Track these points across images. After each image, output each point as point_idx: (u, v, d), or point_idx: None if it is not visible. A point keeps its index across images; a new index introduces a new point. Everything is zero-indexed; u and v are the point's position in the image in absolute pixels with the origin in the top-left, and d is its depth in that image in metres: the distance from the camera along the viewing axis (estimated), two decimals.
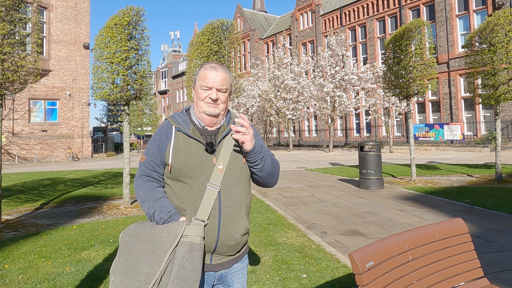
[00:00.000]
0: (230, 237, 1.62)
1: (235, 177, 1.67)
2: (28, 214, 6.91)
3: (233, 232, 1.62)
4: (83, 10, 25.06)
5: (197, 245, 1.50)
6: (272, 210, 6.77)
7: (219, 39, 9.08)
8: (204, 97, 1.68)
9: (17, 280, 3.68)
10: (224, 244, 1.61)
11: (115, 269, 1.56)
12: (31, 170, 16.79)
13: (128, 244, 1.55)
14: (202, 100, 1.69)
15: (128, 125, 7.68)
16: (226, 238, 1.61)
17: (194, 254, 1.48)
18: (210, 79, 1.68)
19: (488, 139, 19.36)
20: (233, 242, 1.63)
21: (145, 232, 1.55)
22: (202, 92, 1.69)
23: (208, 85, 1.67)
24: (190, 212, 1.59)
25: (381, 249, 1.78)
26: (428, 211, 6.34)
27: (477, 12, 22.24)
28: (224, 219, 1.60)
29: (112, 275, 1.56)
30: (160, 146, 1.67)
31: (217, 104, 1.69)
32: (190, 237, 1.50)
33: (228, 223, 1.61)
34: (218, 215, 1.60)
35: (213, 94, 1.67)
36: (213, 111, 1.68)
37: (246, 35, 41.33)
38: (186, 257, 1.47)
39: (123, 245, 1.56)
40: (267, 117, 29.65)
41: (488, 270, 3.55)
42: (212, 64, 1.73)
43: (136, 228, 1.58)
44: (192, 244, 1.49)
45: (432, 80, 15.16)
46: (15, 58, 5.94)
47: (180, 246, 1.49)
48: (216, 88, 1.68)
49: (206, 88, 1.68)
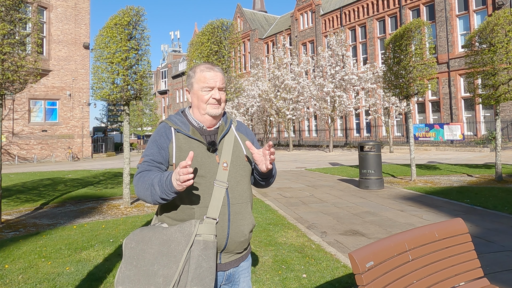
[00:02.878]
0: (240, 233, 1.63)
1: (239, 174, 1.69)
2: (28, 214, 6.91)
3: (242, 228, 1.64)
4: (83, 10, 25.06)
5: (211, 243, 1.51)
6: (272, 210, 6.77)
7: (219, 39, 9.08)
8: (207, 98, 1.68)
9: (17, 280, 3.68)
10: (234, 241, 1.62)
11: (122, 278, 1.50)
12: (31, 170, 16.79)
13: (136, 249, 1.52)
14: (205, 102, 1.69)
15: (128, 125, 7.68)
16: (236, 234, 1.62)
17: (209, 253, 1.49)
18: (210, 79, 1.68)
19: (488, 139, 19.36)
20: (242, 238, 1.64)
21: (156, 235, 1.52)
22: (204, 93, 1.69)
23: (210, 85, 1.68)
24: (199, 210, 1.58)
25: (381, 249, 1.78)
26: (428, 211, 6.34)
27: (477, 12, 22.24)
28: (233, 216, 1.62)
29: (119, 284, 1.50)
30: (160, 145, 1.65)
31: (219, 104, 1.70)
32: (203, 235, 1.51)
33: (237, 220, 1.63)
34: (228, 212, 1.61)
35: (216, 94, 1.68)
36: (217, 112, 1.70)
37: (246, 35, 41.33)
38: (202, 256, 1.47)
39: (130, 252, 1.53)
40: (267, 117, 29.65)
41: (488, 270, 3.55)
42: (206, 64, 1.74)
43: (144, 233, 1.55)
44: (207, 243, 1.50)
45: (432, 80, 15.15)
46: (15, 58, 5.94)
47: (195, 245, 1.49)
48: (218, 87, 1.69)
49: (209, 89, 1.68)
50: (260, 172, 1.73)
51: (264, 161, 1.66)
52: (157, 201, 1.53)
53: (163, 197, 1.50)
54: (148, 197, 1.54)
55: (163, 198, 1.51)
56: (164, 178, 1.49)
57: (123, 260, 1.54)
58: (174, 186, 1.46)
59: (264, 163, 1.66)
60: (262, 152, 1.67)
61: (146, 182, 1.55)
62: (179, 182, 1.43)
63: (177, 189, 1.46)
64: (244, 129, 1.85)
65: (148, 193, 1.53)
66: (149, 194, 1.53)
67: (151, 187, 1.52)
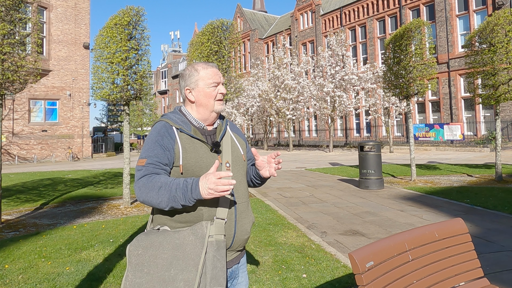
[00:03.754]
0: (244, 231, 1.66)
1: (240, 174, 1.71)
2: (28, 214, 6.91)
3: (246, 226, 1.67)
4: (83, 10, 25.06)
5: (222, 243, 1.52)
6: (272, 210, 6.77)
7: (219, 39, 9.09)
8: (215, 94, 1.69)
9: (17, 280, 3.68)
10: (239, 239, 1.64)
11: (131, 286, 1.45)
12: (31, 170, 16.79)
13: (145, 256, 1.47)
14: (214, 98, 1.69)
15: (128, 125, 7.68)
16: (241, 233, 1.64)
17: (221, 252, 1.50)
18: (215, 74, 1.71)
19: (488, 139, 19.36)
20: (246, 236, 1.67)
21: (167, 240, 1.49)
22: (212, 90, 1.69)
23: (217, 80, 1.70)
24: (207, 212, 1.57)
25: (381, 249, 1.78)
26: (428, 211, 6.34)
27: (477, 12, 22.24)
28: (239, 215, 1.64)
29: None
30: (165, 146, 1.58)
31: (223, 100, 1.73)
32: (215, 236, 1.52)
33: (242, 218, 1.66)
34: (235, 211, 1.63)
35: (222, 89, 1.71)
36: (222, 108, 1.73)
37: (246, 35, 41.33)
38: (216, 257, 1.48)
39: (137, 258, 1.48)
40: (267, 117, 29.64)
41: (488, 270, 3.55)
42: (203, 63, 1.74)
43: (151, 238, 1.50)
44: (219, 243, 1.51)
45: (432, 80, 15.16)
46: (15, 58, 5.94)
47: (209, 246, 1.49)
48: (222, 82, 1.73)
49: (215, 84, 1.70)
50: (261, 176, 1.78)
51: (267, 168, 1.72)
52: (173, 207, 1.48)
53: (184, 204, 1.46)
54: (163, 203, 1.46)
55: (183, 205, 1.47)
56: (189, 186, 1.44)
57: (130, 268, 1.48)
58: (201, 194, 1.42)
59: (268, 170, 1.72)
60: (266, 159, 1.70)
61: (161, 187, 1.47)
62: (212, 192, 1.40)
63: (206, 198, 1.43)
64: (236, 129, 1.87)
65: (164, 198, 1.46)
66: (165, 200, 1.46)
67: (170, 193, 1.45)
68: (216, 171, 1.45)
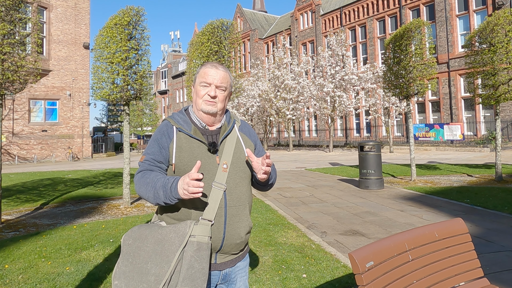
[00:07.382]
0: (236, 235, 1.63)
1: (239, 176, 1.68)
2: (28, 214, 6.91)
3: (238, 230, 1.64)
4: (83, 10, 25.06)
5: (204, 245, 1.51)
6: (272, 210, 6.77)
7: (219, 39, 9.08)
8: (203, 94, 1.68)
9: (17, 280, 3.68)
10: (230, 243, 1.62)
11: (118, 273, 1.52)
12: (31, 170, 16.79)
13: (132, 246, 1.53)
14: (201, 97, 1.68)
15: (128, 125, 7.68)
16: (232, 236, 1.61)
17: (202, 254, 1.49)
18: (210, 75, 1.68)
19: (488, 139, 19.36)
20: (239, 240, 1.64)
21: (152, 234, 1.53)
22: (201, 89, 1.69)
23: (207, 81, 1.68)
24: (195, 211, 1.59)
25: (381, 249, 1.78)
26: (428, 211, 6.34)
27: (477, 12, 22.24)
28: (229, 218, 1.61)
29: (115, 279, 1.52)
30: (161, 144, 1.65)
31: (215, 102, 1.68)
32: (197, 236, 1.51)
33: (234, 222, 1.62)
34: (224, 214, 1.60)
35: (211, 91, 1.67)
36: (211, 109, 1.68)
37: (246, 35, 41.33)
38: (194, 257, 1.48)
39: (127, 248, 1.54)
40: (267, 117, 29.64)
41: (488, 270, 3.55)
42: (214, 63, 1.74)
43: (141, 230, 1.56)
44: (200, 244, 1.50)
45: (432, 80, 15.16)
46: (15, 58, 5.94)
47: (188, 246, 1.49)
48: (216, 85, 1.68)
49: (206, 85, 1.68)
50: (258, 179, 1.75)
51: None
52: (159, 204, 1.56)
53: (166, 201, 1.52)
54: (151, 198, 1.55)
55: (165, 202, 1.53)
56: (169, 185, 1.50)
57: (121, 256, 1.55)
58: (179, 193, 1.47)
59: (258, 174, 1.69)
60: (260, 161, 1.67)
61: (148, 183, 1.55)
62: (187, 193, 1.44)
63: (183, 197, 1.47)
64: (248, 130, 1.83)
65: (150, 195, 1.54)
66: (151, 196, 1.54)
67: (154, 190, 1.53)
68: (194, 172, 1.44)
